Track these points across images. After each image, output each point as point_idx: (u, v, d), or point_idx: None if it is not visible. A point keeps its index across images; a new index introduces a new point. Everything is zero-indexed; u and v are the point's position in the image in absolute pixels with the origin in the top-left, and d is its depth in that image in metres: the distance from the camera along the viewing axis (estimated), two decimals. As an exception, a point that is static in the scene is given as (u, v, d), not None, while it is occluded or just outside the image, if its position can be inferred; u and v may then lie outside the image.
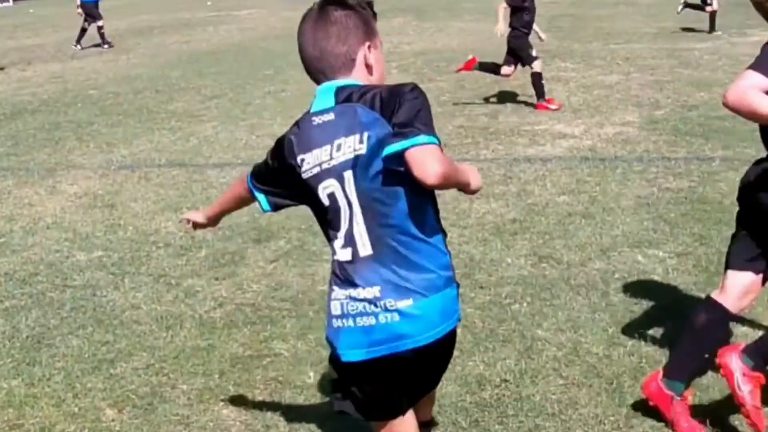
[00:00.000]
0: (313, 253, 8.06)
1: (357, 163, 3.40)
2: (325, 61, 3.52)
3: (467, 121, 13.64)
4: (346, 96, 3.46)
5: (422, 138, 3.22)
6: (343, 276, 3.49)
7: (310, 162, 3.50)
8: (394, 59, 20.40)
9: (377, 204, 3.40)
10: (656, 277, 7.19)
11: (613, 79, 16.93)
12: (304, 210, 9.51)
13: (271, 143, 3.80)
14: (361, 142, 3.39)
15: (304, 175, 3.52)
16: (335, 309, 3.51)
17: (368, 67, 3.59)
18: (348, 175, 3.41)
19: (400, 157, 3.22)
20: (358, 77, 3.55)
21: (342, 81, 3.52)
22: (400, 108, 3.34)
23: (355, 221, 3.44)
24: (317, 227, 3.74)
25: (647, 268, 7.36)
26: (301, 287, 7.35)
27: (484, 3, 33.56)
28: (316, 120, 3.51)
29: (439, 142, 3.32)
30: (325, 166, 3.46)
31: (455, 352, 3.80)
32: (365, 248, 3.43)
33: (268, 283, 7.49)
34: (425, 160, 3.19)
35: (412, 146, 3.20)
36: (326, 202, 3.49)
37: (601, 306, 6.67)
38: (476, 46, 22.04)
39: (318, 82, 3.58)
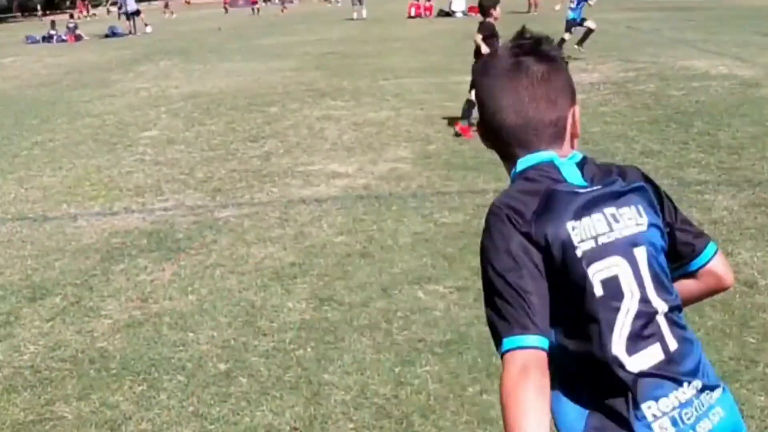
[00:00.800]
0: (90, 309, 7.85)
1: (643, 238, 2.68)
2: (531, 130, 2.71)
3: (240, 164, 13.53)
4: (590, 171, 2.73)
5: (714, 242, 2.93)
6: (652, 385, 2.59)
7: (579, 233, 2.60)
8: (163, 103, 20.21)
9: (663, 285, 2.68)
10: (438, 313, 7.26)
11: (384, 116, 17.13)
12: (79, 263, 9.29)
13: (42, 195, 3.57)
14: (640, 215, 2.69)
15: (578, 251, 2.58)
16: (663, 428, 2.57)
17: (572, 136, 2.80)
18: (639, 251, 2.66)
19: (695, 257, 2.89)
20: (567, 150, 2.77)
21: (563, 154, 2.74)
22: (669, 201, 2.86)
23: (656, 309, 2.64)
24: (93, 281, 3.52)
25: (429, 305, 7.44)
26: (80, 345, 7.15)
27: (251, 43, 33.66)
28: (579, 191, 2.64)
29: None
30: (603, 240, 2.62)
31: (242, 403, 3.74)
32: (672, 339, 2.65)
33: (46, 343, 7.25)
34: (727, 264, 2.96)
35: (717, 250, 2.92)
36: (599, 290, 2.58)
37: (386, 345, 6.71)
38: (245, 87, 22.12)
39: (509, 154, 2.79)
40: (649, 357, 2.58)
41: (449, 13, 54.01)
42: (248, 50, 32.90)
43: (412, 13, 54.34)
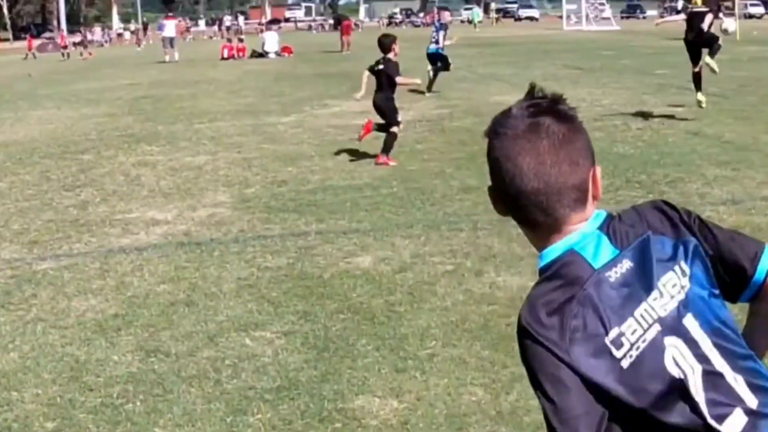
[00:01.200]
0: None
1: (690, 301, 2.44)
2: (553, 195, 2.46)
3: (56, 214, 13.19)
4: (616, 233, 2.50)
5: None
6: None
7: (634, 332, 2.38)
8: (-27, 154, 19.71)
9: (725, 340, 2.45)
10: (266, 359, 7.24)
11: (201, 160, 17.05)
12: None
13: None
14: (683, 273, 2.47)
15: (628, 360, 2.36)
16: None
17: (593, 197, 2.55)
18: (689, 320, 2.43)
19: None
20: (590, 211, 2.54)
21: (585, 217, 2.52)
22: (703, 227, 2.58)
23: (725, 371, 2.41)
24: None
25: (256, 351, 7.40)
26: None
27: (63, 89, 33.11)
28: (612, 275, 2.43)
29: None
30: (657, 326, 2.40)
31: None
32: (750, 396, 2.40)
33: None
34: None
35: None
36: (676, 374, 2.37)
37: (216, 395, 6.65)
38: (58, 134, 21.75)
39: (529, 221, 2.55)
40: (733, 426, 2.36)
41: (262, 54, 54.31)
42: (60, 96, 32.35)
43: (225, 55, 54.49)
